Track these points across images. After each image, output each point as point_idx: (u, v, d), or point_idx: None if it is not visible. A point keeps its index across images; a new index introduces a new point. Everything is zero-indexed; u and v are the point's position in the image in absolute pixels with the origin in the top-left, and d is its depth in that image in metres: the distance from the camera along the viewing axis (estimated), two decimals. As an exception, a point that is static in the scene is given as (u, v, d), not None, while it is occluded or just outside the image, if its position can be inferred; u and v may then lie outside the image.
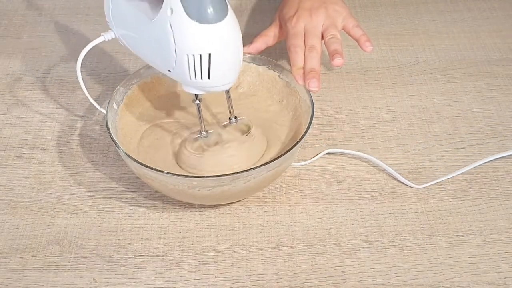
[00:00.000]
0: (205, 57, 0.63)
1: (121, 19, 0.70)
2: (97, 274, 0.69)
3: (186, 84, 0.67)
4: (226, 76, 0.66)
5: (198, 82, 0.65)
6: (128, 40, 0.70)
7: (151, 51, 0.68)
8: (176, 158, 0.74)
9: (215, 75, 0.65)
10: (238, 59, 0.66)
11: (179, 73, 0.65)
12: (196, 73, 0.64)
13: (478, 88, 0.91)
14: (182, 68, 0.64)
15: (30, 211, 0.75)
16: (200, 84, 0.65)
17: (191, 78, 0.65)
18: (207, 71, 0.64)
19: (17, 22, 1.04)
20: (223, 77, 0.66)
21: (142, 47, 0.69)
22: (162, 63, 0.67)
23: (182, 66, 0.64)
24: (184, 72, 0.64)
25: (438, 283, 0.68)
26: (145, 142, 0.76)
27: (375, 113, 0.87)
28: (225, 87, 0.68)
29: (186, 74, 0.64)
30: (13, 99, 0.90)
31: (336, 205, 0.75)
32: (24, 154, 0.82)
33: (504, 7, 1.06)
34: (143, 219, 0.74)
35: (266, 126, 0.79)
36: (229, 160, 0.72)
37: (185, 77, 0.65)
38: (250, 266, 0.70)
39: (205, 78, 0.64)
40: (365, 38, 0.83)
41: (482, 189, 0.77)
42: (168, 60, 0.65)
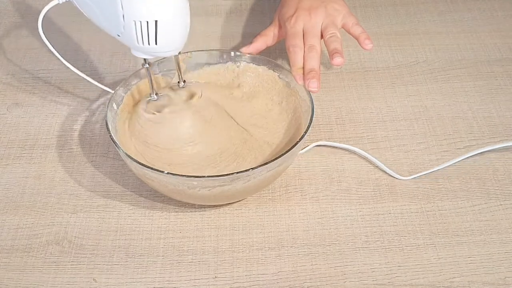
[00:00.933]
0: (151, 24, 0.65)
1: None
2: (97, 274, 0.69)
3: (134, 49, 0.69)
4: (173, 42, 0.68)
5: (145, 47, 0.67)
6: (81, 4, 0.72)
7: (101, 16, 0.69)
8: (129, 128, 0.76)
9: (162, 41, 0.67)
10: (185, 25, 0.68)
11: (127, 38, 0.67)
12: (144, 39, 0.66)
13: (478, 88, 0.91)
14: (130, 34, 0.66)
15: (30, 211, 0.75)
16: (148, 49, 0.67)
17: (138, 43, 0.67)
18: (154, 37, 0.66)
19: (17, 22, 1.04)
20: (170, 43, 0.68)
21: (93, 11, 0.70)
22: (111, 28, 0.69)
23: (130, 32, 0.66)
24: (131, 37, 0.66)
25: (438, 283, 0.68)
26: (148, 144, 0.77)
27: (375, 113, 0.87)
28: (172, 52, 0.69)
29: (134, 39, 0.66)
30: (13, 99, 0.90)
31: (336, 205, 0.76)
32: (24, 154, 0.82)
33: (504, 7, 1.06)
34: (143, 219, 0.74)
35: (266, 126, 0.79)
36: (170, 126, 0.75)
37: (133, 42, 0.67)
38: (250, 266, 0.70)
39: (152, 44, 0.66)
40: (365, 36, 0.83)
41: (482, 189, 0.77)
42: (116, 25, 0.67)
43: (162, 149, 0.74)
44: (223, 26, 1.02)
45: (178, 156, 0.74)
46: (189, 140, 0.75)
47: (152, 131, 0.75)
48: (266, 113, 0.81)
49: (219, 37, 1.00)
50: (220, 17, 1.04)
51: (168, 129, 0.76)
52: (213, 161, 0.74)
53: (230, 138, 0.76)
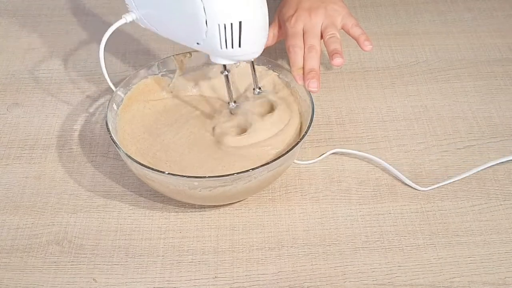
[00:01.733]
0: (236, 25, 0.65)
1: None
2: (97, 274, 0.69)
3: (215, 55, 0.69)
4: (255, 43, 0.68)
5: (228, 51, 0.67)
6: (151, 20, 0.71)
7: (177, 26, 0.69)
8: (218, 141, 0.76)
9: (245, 43, 0.67)
10: (266, 26, 0.68)
11: (209, 44, 0.67)
12: (227, 42, 0.66)
13: (478, 88, 0.91)
14: (213, 39, 0.66)
15: (30, 211, 0.75)
16: (230, 53, 0.67)
17: (221, 48, 0.66)
18: (238, 39, 0.66)
19: (17, 22, 1.04)
20: (253, 44, 0.68)
21: (167, 24, 0.70)
22: (190, 37, 0.68)
23: (213, 37, 0.65)
24: (215, 42, 0.66)
25: (438, 283, 0.68)
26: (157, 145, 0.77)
27: (375, 113, 0.87)
28: (253, 55, 0.70)
29: (217, 44, 0.66)
30: (13, 99, 0.90)
31: (336, 205, 0.76)
32: (24, 154, 0.82)
33: (504, 7, 1.06)
34: (143, 219, 0.74)
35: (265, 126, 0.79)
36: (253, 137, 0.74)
37: (216, 47, 0.66)
38: (250, 266, 0.70)
39: (236, 47, 0.66)
40: (365, 37, 0.83)
41: (482, 189, 0.77)
42: (197, 33, 0.66)
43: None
44: (223, 26, 1.02)
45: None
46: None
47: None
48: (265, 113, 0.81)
49: (219, 37, 1.00)
50: (220, 17, 1.04)
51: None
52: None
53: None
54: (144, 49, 0.97)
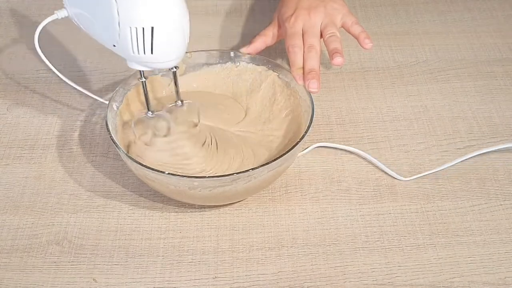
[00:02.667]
0: (147, 31, 0.63)
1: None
2: (97, 274, 0.69)
3: (130, 60, 0.67)
4: (170, 52, 0.66)
5: (141, 56, 0.65)
6: (79, 18, 0.71)
7: (98, 27, 0.68)
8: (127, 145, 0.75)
9: (158, 50, 0.65)
10: (183, 35, 0.66)
11: (122, 47, 0.65)
12: (139, 47, 0.64)
13: (478, 88, 0.91)
14: (125, 42, 0.64)
15: (30, 211, 0.75)
16: (144, 59, 0.66)
17: (133, 52, 0.65)
18: (150, 45, 0.64)
19: (17, 22, 1.04)
20: (167, 52, 0.66)
21: (91, 24, 0.69)
22: (108, 38, 0.67)
23: (125, 40, 0.64)
24: (127, 46, 0.65)
25: (438, 283, 0.68)
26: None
27: (375, 113, 0.87)
28: (169, 63, 0.67)
29: (129, 48, 0.65)
30: (13, 99, 0.90)
31: (336, 205, 0.75)
32: (24, 154, 0.82)
33: (504, 7, 1.06)
34: (143, 219, 0.74)
35: (266, 126, 0.79)
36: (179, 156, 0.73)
37: (128, 51, 0.65)
38: (250, 266, 0.70)
39: (148, 53, 0.65)
40: (365, 35, 0.83)
41: (482, 189, 0.77)
42: (112, 34, 0.65)
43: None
44: (222, 26, 1.02)
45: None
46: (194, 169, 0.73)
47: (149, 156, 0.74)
48: (265, 113, 0.81)
49: (218, 37, 1.00)
50: (219, 17, 1.04)
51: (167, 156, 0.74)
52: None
53: (232, 157, 0.75)
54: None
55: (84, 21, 0.70)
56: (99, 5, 0.65)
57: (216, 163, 0.73)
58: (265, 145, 0.77)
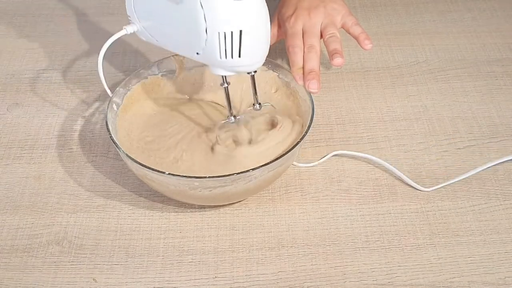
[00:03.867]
0: (236, 34, 0.64)
1: (144, 9, 0.70)
2: (97, 274, 0.69)
3: (215, 65, 0.68)
4: (255, 54, 0.67)
5: (228, 61, 0.66)
6: (151, 31, 0.71)
7: (177, 37, 0.68)
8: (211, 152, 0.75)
9: (245, 53, 0.65)
10: (267, 37, 0.67)
11: (209, 53, 0.66)
12: (227, 51, 0.65)
13: (478, 88, 0.91)
14: (213, 48, 0.65)
15: (30, 211, 0.75)
16: (230, 63, 0.66)
17: (221, 57, 0.65)
18: (238, 48, 0.65)
19: (17, 22, 1.04)
20: (253, 55, 0.67)
21: (168, 34, 0.69)
22: (190, 46, 0.67)
23: (213, 46, 0.64)
24: (214, 51, 0.65)
25: (438, 283, 0.68)
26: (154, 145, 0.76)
27: (375, 113, 0.87)
28: (254, 67, 0.68)
29: (217, 53, 0.65)
30: (13, 99, 0.90)
31: (336, 205, 0.75)
32: (24, 154, 0.82)
33: (504, 7, 1.06)
34: (143, 219, 0.74)
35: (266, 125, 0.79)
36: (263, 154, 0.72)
37: (215, 56, 0.65)
38: (250, 266, 0.70)
39: (236, 57, 0.65)
40: (364, 36, 0.83)
41: (482, 189, 0.77)
42: (197, 42, 0.65)
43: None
44: (223, 26, 1.02)
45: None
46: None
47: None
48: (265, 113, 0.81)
49: (219, 37, 1.00)
50: (220, 17, 1.04)
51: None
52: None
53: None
54: (144, 49, 0.97)
55: (158, 33, 0.70)
56: (181, 14, 0.65)
57: None
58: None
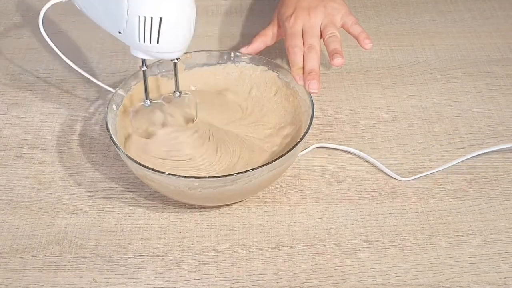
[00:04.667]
0: (156, 21, 0.64)
1: None
2: (97, 274, 0.69)
3: (134, 48, 0.68)
4: (175, 43, 0.67)
5: (146, 45, 0.66)
6: (83, 3, 0.71)
7: (103, 12, 0.68)
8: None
9: (164, 40, 0.65)
10: (189, 28, 0.67)
11: (128, 35, 0.66)
12: (146, 36, 0.65)
13: (478, 88, 0.91)
14: (132, 30, 0.65)
15: (30, 211, 0.75)
16: (149, 48, 0.66)
17: (139, 41, 0.65)
18: (157, 35, 0.65)
19: (17, 22, 1.04)
20: (172, 43, 0.67)
21: (96, 8, 0.69)
22: (113, 24, 0.67)
23: (132, 28, 0.65)
24: (133, 34, 0.65)
25: (438, 283, 0.68)
26: None
27: (375, 113, 0.87)
28: (173, 54, 0.68)
29: (136, 36, 0.65)
30: (13, 99, 0.90)
31: (336, 205, 0.75)
32: (24, 154, 0.82)
33: (504, 7, 1.06)
34: (143, 219, 0.74)
35: (266, 127, 0.79)
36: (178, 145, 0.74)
37: (134, 39, 0.66)
38: (250, 266, 0.70)
39: (154, 42, 0.65)
40: (365, 35, 0.83)
41: (482, 189, 0.77)
42: (119, 21, 0.65)
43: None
44: (222, 26, 1.02)
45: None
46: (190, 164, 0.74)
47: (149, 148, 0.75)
48: (266, 113, 0.81)
49: (218, 37, 1.00)
50: (219, 17, 1.04)
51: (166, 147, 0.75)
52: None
53: (232, 152, 0.76)
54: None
55: (88, 6, 0.70)
56: None
57: (216, 160, 0.74)
58: (265, 145, 0.77)
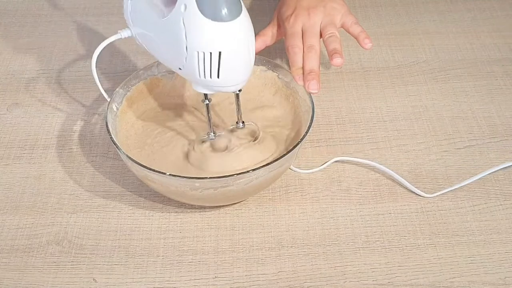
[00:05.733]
0: (215, 55, 0.63)
1: (138, 17, 0.70)
2: (97, 274, 0.69)
3: (195, 83, 0.67)
4: (235, 76, 0.66)
5: (207, 80, 0.65)
6: (143, 39, 0.71)
7: (164, 49, 0.68)
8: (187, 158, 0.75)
9: (224, 75, 0.65)
10: (249, 60, 0.66)
11: (189, 70, 0.65)
12: (206, 71, 0.64)
13: (478, 88, 0.91)
14: (192, 66, 0.64)
15: (30, 211, 0.75)
16: (209, 83, 0.66)
17: (200, 76, 0.65)
18: (217, 69, 0.64)
19: (17, 22, 1.04)
20: (233, 77, 0.66)
21: (156, 45, 0.69)
22: (173, 61, 0.67)
23: (192, 64, 0.64)
24: (193, 69, 0.64)
25: (438, 283, 0.68)
26: (148, 146, 0.76)
27: (375, 113, 0.87)
28: (234, 87, 0.67)
29: (196, 71, 0.64)
30: (13, 99, 0.90)
31: (336, 205, 0.75)
32: (24, 154, 0.82)
33: (504, 7, 1.06)
34: (143, 219, 0.74)
35: (266, 127, 0.79)
36: (235, 162, 0.72)
37: (195, 75, 0.65)
38: (250, 266, 0.70)
39: (214, 77, 0.65)
40: (364, 35, 0.83)
41: (482, 189, 0.77)
42: (179, 58, 0.65)
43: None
44: (223, 26, 1.02)
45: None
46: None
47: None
48: (265, 113, 0.81)
49: (219, 37, 1.00)
50: (220, 17, 1.04)
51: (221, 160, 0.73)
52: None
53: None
54: (144, 49, 0.97)
55: (149, 42, 0.70)
56: (166, 28, 0.65)
57: None
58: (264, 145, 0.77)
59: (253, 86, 0.83)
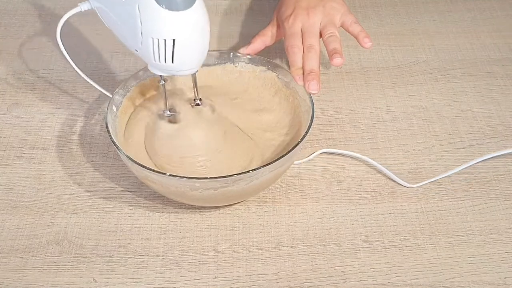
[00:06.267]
0: (169, 42, 0.64)
1: None
2: (97, 274, 0.69)
3: (151, 65, 0.69)
4: (189, 61, 0.68)
5: (162, 64, 0.67)
6: (103, 14, 0.72)
7: (121, 29, 0.69)
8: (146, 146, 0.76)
9: (179, 60, 0.66)
10: (203, 46, 0.68)
11: (144, 54, 0.67)
12: (160, 56, 0.66)
13: (478, 88, 0.91)
14: (147, 50, 0.66)
15: (30, 211, 0.75)
16: (164, 66, 0.67)
17: (155, 61, 0.66)
18: (171, 55, 0.65)
19: (17, 22, 1.04)
20: (187, 62, 0.67)
21: (114, 22, 0.70)
22: (130, 42, 0.68)
23: (147, 48, 0.65)
24: (148, 53, 0.66)
25: (438, 283, 0.68)
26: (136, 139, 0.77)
27: (375, 113, 0.87)
28: (188, 72, 0.69)
29: (151, 56, 0.66)
30: (13, 99, 0.90)
31: (336, 205, 0.76)
32: (24, 154, 0.82)
33: (504, 7, 1.06)
34: (143, 219, 0.74)
35: (266, 127, 0.79)
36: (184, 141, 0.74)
37: (150, 58, 0.66)
38: (250, 266, 0.70)
39: (169, 62, 0.66)
40: (364, 34, 0.83)
41: (482, 189, 0.77)
42: (135, 40, 0.66)
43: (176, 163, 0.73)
44: (221, 26, 1.02)
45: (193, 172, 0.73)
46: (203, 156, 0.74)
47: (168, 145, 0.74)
48: (265, 114, 0.81)
49: (217, 37, 1.00)
50: (218, 17, 1.04)
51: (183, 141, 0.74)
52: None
53: (243, 151, 0.75)
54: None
55: (107, 19, 0.71)
56: (123, 9, 0.66)
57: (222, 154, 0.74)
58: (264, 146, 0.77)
59: (253, 86, 0.83)
